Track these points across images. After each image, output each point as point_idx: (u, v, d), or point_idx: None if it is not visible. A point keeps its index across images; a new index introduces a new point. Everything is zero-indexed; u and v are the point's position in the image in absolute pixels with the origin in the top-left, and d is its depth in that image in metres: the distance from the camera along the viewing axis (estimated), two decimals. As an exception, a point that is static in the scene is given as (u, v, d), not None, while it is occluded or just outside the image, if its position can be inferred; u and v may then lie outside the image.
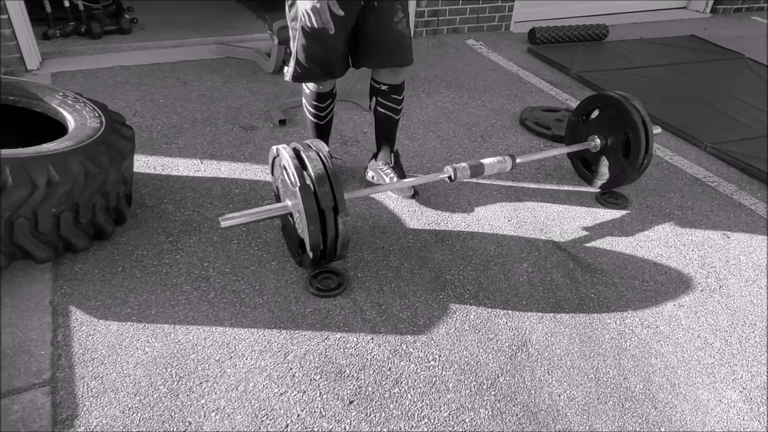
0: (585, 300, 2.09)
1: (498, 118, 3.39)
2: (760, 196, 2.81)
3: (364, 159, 2.88)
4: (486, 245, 2.34)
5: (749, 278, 2.26)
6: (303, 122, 3.17)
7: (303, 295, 2.01)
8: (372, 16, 2.20)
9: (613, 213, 2.61)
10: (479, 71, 4.06)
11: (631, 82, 4.03)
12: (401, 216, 2.47)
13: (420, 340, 1.88)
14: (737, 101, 3.79)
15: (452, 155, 2.97)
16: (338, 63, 2.31)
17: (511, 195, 2.68)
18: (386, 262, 2.21)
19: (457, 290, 2.10)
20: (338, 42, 2.22)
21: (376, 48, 2.28)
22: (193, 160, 2.75)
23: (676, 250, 2.39)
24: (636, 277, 2.22)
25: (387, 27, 2.24)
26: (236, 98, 3.39)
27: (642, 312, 2.06)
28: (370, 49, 2.29)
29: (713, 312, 2.08)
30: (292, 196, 1.95)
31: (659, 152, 3.17)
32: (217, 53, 3.96)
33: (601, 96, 2.65)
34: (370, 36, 2.25)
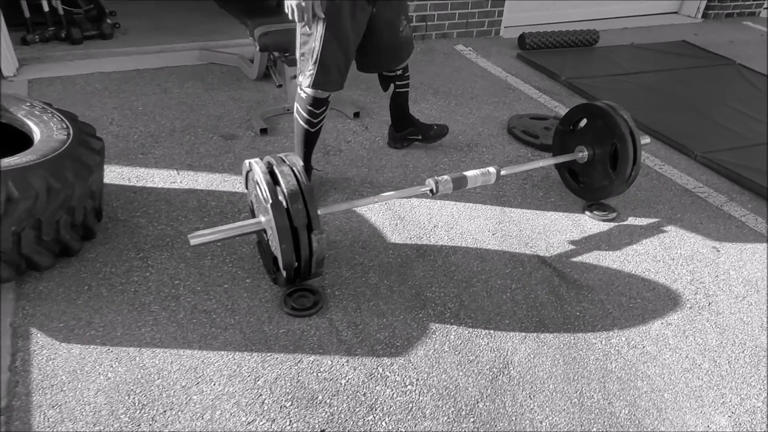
0: (570, 318, 2.03)
1: (485, 127, 3.32)
2: (751, 208, 2.75)
3: (347, 170, 2.80)
4: (469, 260, 2.27)
5: (739, 294, 2.20)
6: (285, 131, 3.10)
7: (277, 315, 1.94)
8: (379, 24, 2.37)
9: (600, 225, 2.54)
10: (467, 77, 3.99)
11: (621, 89, 3.97)
12: (382, 230, 2.40)
13: (397, 363, 1.80)
14: (728, 109, 3.74)
15: (437, 165, 2.90)
16: (348, 69, 2.42)
17: (497, 207, 2.61)
18: (365, 278, 2.13)
19: (437, 309, 2.02)
20: (354, 48, 2.37)
21: (388, 53, 2.53)
22: (169, 171, 2.67)
23: (664, 265, 2.32)
24: (623, 294, 2.16)
25: (395, 33, 2.46)
26: (217, 106, 3.32)
27: (628, 331, 1.99)
28: (381, 55, 2.53)
29: (702, 331, 2.02)
30: (264, 212, 1.88)
31: (649, 162, 3.11)
32: (200, 59, 3.88)
33: (589, 105, 2.58)
34: (378, 42, 2.44)
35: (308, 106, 2.43)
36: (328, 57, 2.28)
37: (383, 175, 2.78)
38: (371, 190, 2.66)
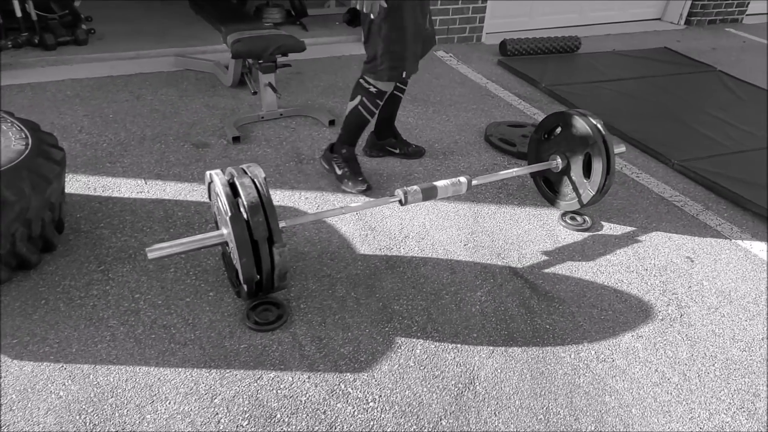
0: (539, 331, 1.99)
1: (462, 134, 3.29)
2: (726, 216, 2.73)
3: (320, 179, 2.76)
4: (439, 272, 2.23)
5: (712, 305, 2.17)
6: (258, 139, 3.06)
7: (239, 330, 1.89)
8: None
9: (574, 235, 2.51)
10: (447, 84, 3.97)
11: (600, 96, 3.96)
12: (352, 240, 2.36)
13: (360, 379, 1.76)
14: (708, 116, 3.73)
15: (411, 174, 2.87)
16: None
17: (470, 217, 2.57)
18: (332, 291, 2.09)
19: (404, 322, 1.98)
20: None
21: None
22: (137, 181, 2.62)
23: (637, 276, 2.30)
24: (594, 306, 2.13)
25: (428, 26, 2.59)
26: (191, 113, 3.27)
27: (598, 344, 1.96)
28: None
29: (672, 343, 1.99)
30: (225, 224, 1.83)
31: (626, 170, 3.09)
32: (176, 66, 3.83)
33: (563, 114, 2.56)
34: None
35: (378, 99, 2.55)
36: (407, 48, 2.42)
37: (356, 184, 2.74)
38: (343, 200, 2.62)
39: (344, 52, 4.39)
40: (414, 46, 2.48)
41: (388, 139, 2.95)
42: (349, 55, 4.35)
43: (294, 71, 3.94)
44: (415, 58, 2.54)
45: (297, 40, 3.11)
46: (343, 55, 4.33)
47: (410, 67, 2.52)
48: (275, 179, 2.73)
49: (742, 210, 2.79)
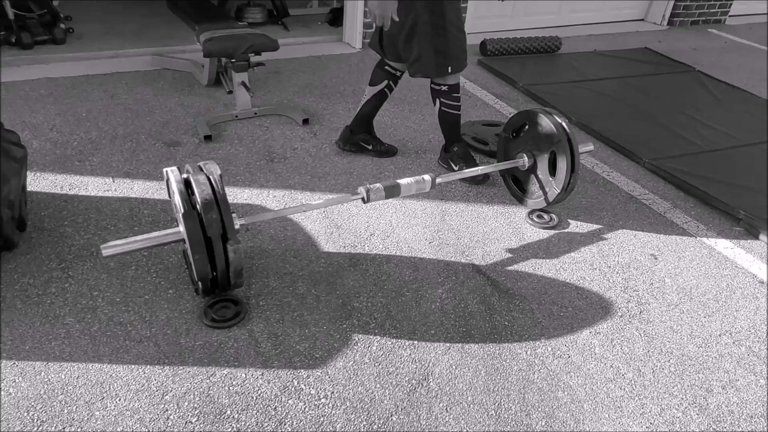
0: (498, 328, 2.00)
1: (436, 133, 3.30)
2: (694, 215, 2.74)
3: (290, 177, 2.77)
4: (402, 270, 2.24)
5: (672, 302, 2.18)
6: (231, 138, 3.06)
7: (196, 327, 1.89)
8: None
9: (540, 233, 2.52)
10: (424, 83, 3.95)
11: (577, 96, 3.97)
12: (317, 238, 2.37)
13: (314, 375, 1.76)
14: (683, 116, 3.75)
15: (382, 173, 2.88)
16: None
17: (437, 215, 2.58)
18: (293, 288, 2.09)
19: (363, 319, 1.99)
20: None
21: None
22: (104, 179, 2.62)
23: (600, 273, 2.31)
24: (555, 303, 2.14)
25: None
26: (165, 112, 3.27)
27: (555, 341, 1.97)
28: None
29: (630, 339, 2.00)
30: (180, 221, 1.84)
31: (597, 169, 3.10)
32: (153, 65, 3.84)
33: (528, 112, 2.57)
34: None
35: (457, 93, 2.70)
36: (462, 43, 2.59)
37: (326, 183, 2.75)
38: (311, 198, 2.62)
39: (324, 51, 4.40)
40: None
41: (362, 134, 2.96)
42: (329, 54, 4.36)
43: (272, 70, 3.95)
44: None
45: (270, 39, 3.11)
46: (323, 55, 4.34)
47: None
48: (245, 178, 2.73)
49: (709, 208, 2.80)
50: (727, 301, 2.21)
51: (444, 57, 2.58)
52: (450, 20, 2.51)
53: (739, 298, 2.23)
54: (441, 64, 2.60)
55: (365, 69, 4.14)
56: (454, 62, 2.61)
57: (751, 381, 1.87)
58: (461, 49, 2.62)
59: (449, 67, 2.62)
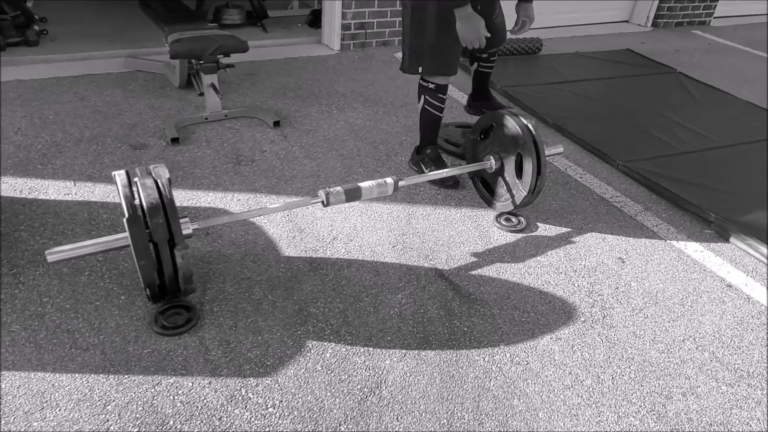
0: (456, 334, 1.96)
1: (409, 135, 3.27)
2: (665, 217, 2.71)
3: (256, 180, 2.73)
4: (362, 274, 2.20)
5: (636, 307, 2.15)
6: (199, 141, 3.02)
7: (145, 334, 1.85)
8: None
9: (507, 237, 2.49)
10: (401, 86, 3.94)
11: (555, 97, 3.95)
12: (279, 242, 2.33)
13: (263, 384, 1.72)
14: (661, 117, 3.72)
15: (351, 175, 2.84)
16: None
17: (403, 218, 2.55)
18: (249, 294, 2.05)
19: (318, 325, 1.95)
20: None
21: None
22: (66, 183, 2.58)
23: (565, 277, 2.27)
24: (517, 308, 2.10)
25: (490, 18, 2.68)
26: (134, 114, 3.23)
27: (515, 347, 1.93)
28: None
29: (591, 345, 1.96)
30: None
31: (570, 171, 3.07)
32: (126, 67, 3.79)
33: (495, 114, 2.54)
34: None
35: (440, 94, 2.66)
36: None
37: (292, 186, 2.71)
38: (276, 201, 2.58)
39: (302, 53, 4.37)
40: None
41: (481, 102, 3.37)
42: (306, 56, 4.32)
43: (247, 72, 3.91)
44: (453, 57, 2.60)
45: (239, 41, 3.07)
46: (301, 57, 4.30)
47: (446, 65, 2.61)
48: (210, 181, 2.69)
49: (681, 210, 2.77)
50: (692, 306, 2.18)
51: (417, 55, 2.57)
52: (431, 19, 2.46)
53: (705, 303, 2.20)
54: (412, 62, 2.60)
55: (342, 71, 4.11)
56: (426, 62, 2.58)
57: (713, 387, 1.84)
58: (438, 52, 2.55)
59: (420, 66, 2.60)
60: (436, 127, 2.83)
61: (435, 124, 2.80)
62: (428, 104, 2.72)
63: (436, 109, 2.73)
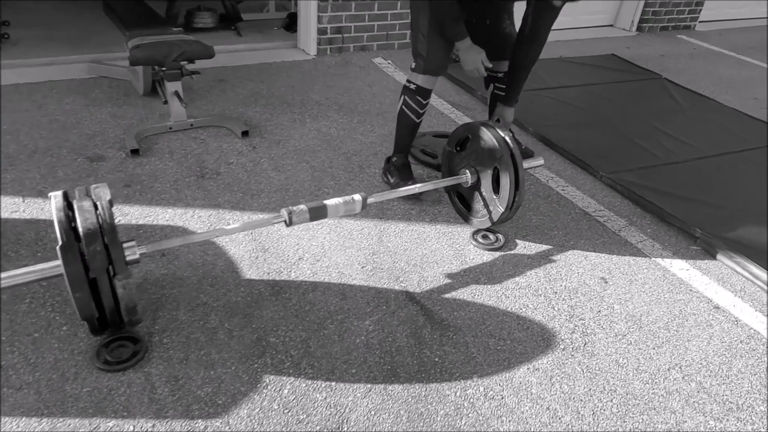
0: (426, 365, 1.82)
1: (384, 145, 3.13)
2: (650, 233, 2.60)
3: (219, 195, 2.57)
4: (328, 298, 2.05)
5: (619, 332, 2.02)
6: (161, 152, 2.86)
7: (86, 370, 1.69)
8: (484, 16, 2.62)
9: (484, 256, 2.36)
10: (379, 92, 3.80)
11: (538, 104, 3.83)
12: (240, 263, 2.18)
13: (212, 426, 1.57)
14: (645, 125, 3.62)
15: (321, 189, 2.69)
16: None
17: (374, 236, 2.40)
18: (204, 322, 1.90)
19: (278, 357, 1.80)
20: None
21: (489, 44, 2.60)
22: (14, 199, 2.41)
23: (545, 300, 2.14)
24: (492, 335, 1.96)
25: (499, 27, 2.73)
26: (94, 124, 3.06)
27: (489, 379, 1.80)
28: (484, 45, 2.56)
29: (571, 376, 1.83)
30: (65, 253, 1.63)
31: (552, 183, 2.95)
32: (89, 72, 3.62)
33: (470, 125, 2.41)
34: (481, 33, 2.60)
35: (419, 96, 2.56)
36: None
37: (258, 201, 2.56)
38: (240, 218, 2.43)
39: (276, 58, 4.21)
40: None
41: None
42: (281, 62, 4.17)
43: (217, 78, 3.76)
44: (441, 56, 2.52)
45: (204, 46, 2.92)
46: (275, 62, 4.15)
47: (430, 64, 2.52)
48: (170, 196, 2.53)
49: (666, 225, 2.66)
50: (678, 330, 2.06)
51: (414, 53, 2.56)
52: (424, 25, 2.43)
53: (691, 326, 2.08)
54: (413, 56, 2.58)
55: (317, 77, 3.97)
56: (419, 60, 2.53)
57: (700, 422, 1.72)
58: (429, 52, 2.49)
59: (413, 63, 2.56)
60: (410, 134, 2.69)
61: (410, 129, 2.67)
62: (406, 105, 2.61)
63: (413, 112, 2.61)
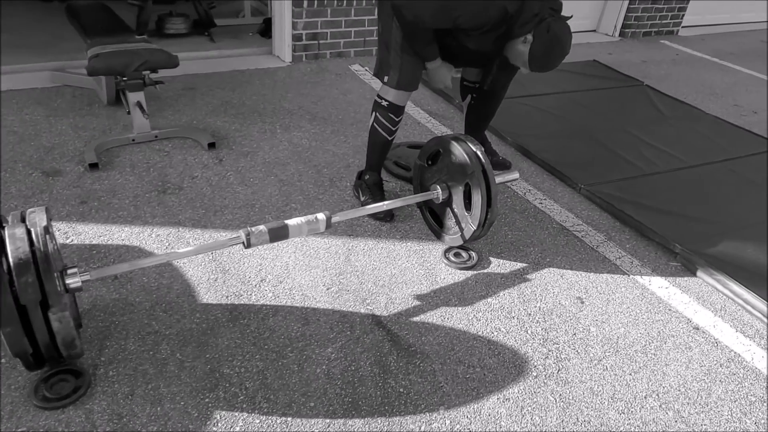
0: (390, 397, 1.72)
1: (357, 157, 3.02)
2: (628, 248, 2.51)
3: (180, 212, 2.46)
4: (289, 323, 1.95)
5: (595, 356, 1.93)
6: (122, 165, 2.74)
7: (22, 408, 1.57)
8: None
9: (456, 275, 2.26)
10: (354, 101, 3.70)
11: (517, 113, 3.74)
12: (197, 286, 2.06)
13: (155, 470, 1.46)
14: (626, 135, 3.54)
15: (289, 204, 2.59)
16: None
17: (342, 255, 2.30)
18: (154, 352, 1.79)
19: (231, 390, 1.69)
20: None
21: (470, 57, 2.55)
22: (-40, 218, 2.27)
23: (518, 323, 2.05)
24: (462, 362, 1.87)
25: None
26: (54, 136, 2.93)
27: (456, 411, 1.70)
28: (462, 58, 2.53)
29: (542, 406, 1.74)
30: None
31: (529, 195, 2.86)
32: (53, 81, 3.49)
33: (441, 139, 2.31)
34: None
35: (391, 113, 2.45)
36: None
37: (221, 218, 2.45)
38: (200, 236, 2.32)
39: (250, 65, 4.10)
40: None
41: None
42: (254, 69, 4.06)
43: (187, 87, 3.64)
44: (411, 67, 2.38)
45: (168, 55, 2.80)
46: (248, 69, 4.04)
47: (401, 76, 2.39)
48: (128, 213, 2.41)
49: (646, 240, 2.58)
50: (656, 353, 1.97)
51: (384, 65, 2.42)
52: (397, 41, 2.32)
53: (670, 349, 2.00)
54: (380, 70, 2.46)
55: (292, 85, 3.86)
56: (391, 73, 2.40)
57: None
58: (401, 68, 2.36)
59: (385, 76, 2.43)
60: (382, 151, 2.59)
61: (382, 146, 2.57)
62: (377, 123, 2.50)
63: (385, 129, 2.50)
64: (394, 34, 2.32)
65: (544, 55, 2.18)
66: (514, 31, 2.15)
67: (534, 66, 2.22)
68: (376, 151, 2.59)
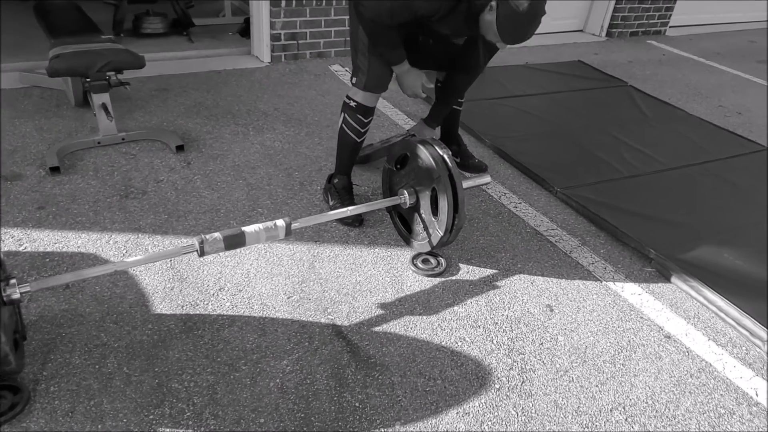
0: (345, 412, 1.65)
1: (329, 160, 2.95)
2: (603, 254, 2.45)
3: (141, 217, 2.39)
4: (245, 334, 1.88)
5: (561, 367, 1.87)
6: (85, 169, 2.67)
7: (-45, 426, 1.50)
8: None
9: (423, 282, 2.19)
10: (331, 102, 3.63)
11: (497, 114, 3.68)
12: (152, 296, 1.99)
13: (90, 492, 1.39)
14: (607, 136, 3.48)
15: (255, 209, 2.52)
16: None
17: (306, 261, 2.23)
18: (100, 366, 1.72)
19: (177, 406, 1.62)
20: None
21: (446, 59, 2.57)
22: None
23: (483, 332, 1.99)
24: (422, 374, 1.80)
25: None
26: (16, 138, 2.86)
27: (413, 426, 1.63)
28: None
29: (504, 420, 1.67)
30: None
31: (504, 199, 2.79)
32: (22, 82, 3.41)
33: (408, 142, 2.25)
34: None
35: (359, 114, 2.40)
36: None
37: (184, 224, 2.38)
38: (161, 243, 2.25)
39: (228, 65, 4.03)
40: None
41: (451, 147, 2.82)
42: (231, 69, 3.99)
43: (160, 88, 3.56)
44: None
45: (133, 56, 2.73)
46: (225, 70, 3.96)
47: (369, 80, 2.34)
48: (87, 218, 2.34)
49: (621, 245, 2.52)
50: (625, 364, 1.91)
51: (354, 66, 2.39)
52: (358, 37, 2.30)
53: (639, 359, 1.93)
54: (353, 71, 2.41)
55: (268, 85, 3.79)
56: (360, 75, 2.36)
57: (640, 473, 1.56)
58: (369, 70, 2.32)
59: (355, 78, 2.38)
60: (351, 154, 2.53)
61: (351, 149, 2.51)
62: (346, 124, 2.44)
63: (353, 131, 2.44)
64: (361, 35, 2.26)
65: (511, 20, 1.94)
66: (476, 3, 2.01)
67: (504, 34, 2.00)
68: (345, 153, 2.53)
